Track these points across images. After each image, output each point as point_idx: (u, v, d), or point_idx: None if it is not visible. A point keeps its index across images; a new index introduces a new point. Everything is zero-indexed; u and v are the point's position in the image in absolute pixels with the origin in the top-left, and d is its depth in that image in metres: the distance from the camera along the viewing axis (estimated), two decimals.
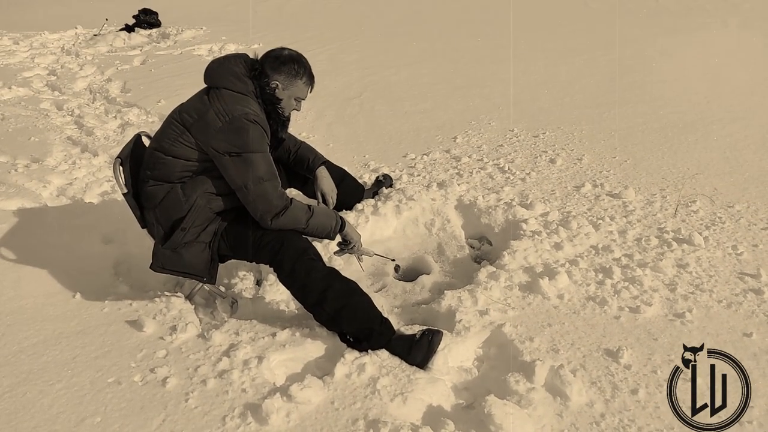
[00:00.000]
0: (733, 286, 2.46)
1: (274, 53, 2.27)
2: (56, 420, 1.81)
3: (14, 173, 3.90)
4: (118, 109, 5.71)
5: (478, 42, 8.27)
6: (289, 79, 2.25)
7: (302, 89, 2.31)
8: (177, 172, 2.22)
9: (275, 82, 2.23)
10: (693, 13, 9.38)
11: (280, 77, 2.24)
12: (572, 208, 3.17)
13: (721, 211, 3.08)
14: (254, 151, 2.14)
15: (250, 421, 1.79)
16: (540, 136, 4.37)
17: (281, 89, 2.25)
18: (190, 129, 2.17)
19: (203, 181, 2.24)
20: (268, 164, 2.19)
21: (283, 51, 2.28)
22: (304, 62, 2.30)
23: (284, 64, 2.24)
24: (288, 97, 2.29)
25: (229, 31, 10.20)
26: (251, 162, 2.14)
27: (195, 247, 2.26)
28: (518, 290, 2.47)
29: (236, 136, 2.11)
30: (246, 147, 2.12)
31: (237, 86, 2.18)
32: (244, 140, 2.12)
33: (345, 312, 2.11)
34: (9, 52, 9.01)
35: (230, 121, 2.10)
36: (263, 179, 2.16)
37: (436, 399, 1.94)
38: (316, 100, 2.78)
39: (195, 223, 2.23)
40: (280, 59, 2.24)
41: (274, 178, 2.20)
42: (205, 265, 2.29)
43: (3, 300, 2.45)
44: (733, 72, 5.89)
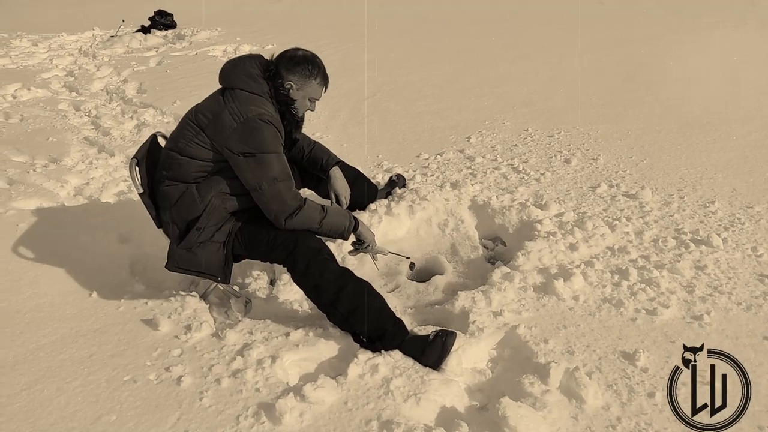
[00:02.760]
0: (753, 288, 2.42)
1: (288, 54, 2.27)
2: (73, 417, 1.83)
3: (33, 173, 3.96)
4: (134, 110, 5.77)
5: (492, 41, 8.23)
6: (303, 80, 2.25)
7: (316, 90, 2.30)
8: (192, 173, 2.24)
9: (289, 83, 2.23)
10: (710, 11, 9.24)
11: (294, 78, 2.23)
12: (588, 208, 3.14)
13: (740, 212, 3.03)
14: (268, 152, 2.15)
15: (263, 421, 1.80)
16: (555, 136, 4.34)
17: (295, 90, 2.25)
18: (205, 129, 2.18)
19: (218, 181, 2.25)
20: (282, 165, 2.19)
21: (298, 51, 2.27)
22: (318, 62, 2.29)
23: (298, 64, 2.23)
24: (302, 98, 2.28)
25: (244, 32, 10.27)
26: (265, 162, 2.14)
27: (210, 247, 2.27)
28: (533, 291, 2.45)
29: (250, 137, 2.12)
30: (260, 147, 2.13)
31: (252, 87, 2.19)
32: (258, 141, 2.13)
33: (358, 312, 2.11)
34: (28, 54, 9.17)
35: (245, 122, 2.11)
36: (277, 180, 2.16)
37: (449, 400, 1.93)
38: (329, 100, 2.79)
39: (210, 222, 2.24)
40: (294, 60, 2.24)
41: (288, 178, 2.21)
42: (220, 265, 2.30)
43: (21, 298, 2.48)
44: (752, 71, 5.79)
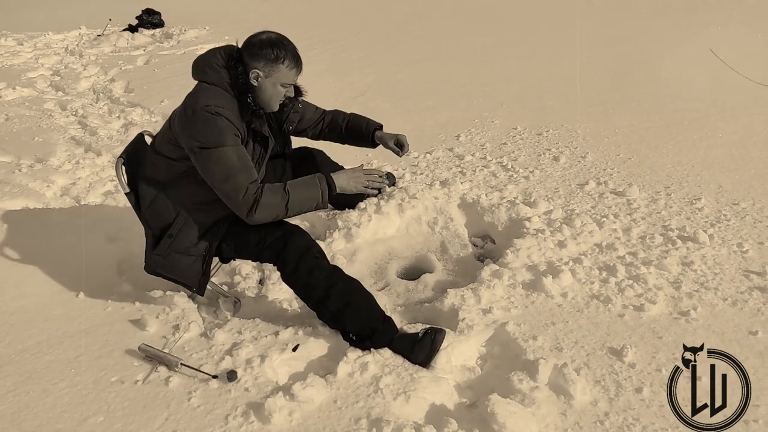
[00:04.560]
0: (739, 283, 2.45)
1: (252, 40, 2.09)
2: (59, 419, 1.81)
3: (18, 173, 3.92)
4: (121, 109, 5.73)
5: (482, 40, 8.25)
6: (270, 65, 2.07)
7: (287, 74, 2.11)
8: (164, 172, 2.18)
9: (255, 71, 2.07)
10: (697, 10, 9.33)
11: (259, 64, 2.06)
12: (576, 206, 3.16)
13: (726, 209, 3.06)
14: (215, 146, 1.99)
15: (252, 420, 1.79)
16: (543, 134, 4.36)
17: (263, 77, 2.08)
18: (170, 125, 2.15)
19: (187, 185, 2.16)
20: (234, 158, 2.03)
21: (262, 35, 2.10)
22: (285, 44, 2.10)
23: (262, 49, 2.06)
24: (272, 85, 2.11)
25: (232, 30, 10.20)
26: (213, 157, 2.00)
27: (185, 260, 2.23)
28: (521, 288, 2.46)
29: (195, 130, 2.01)
30: (208, 141, 1.99)
31: (211, 77, 2.08)
32: (205, 134, 1.99)
33: (348, 310, 2.10)
34: (13, 53, 9.06)
35: (191, 114, 2.02)
36: (230, 175, 2.01)
37: (439, 398, 1.94)
38: (319, 98, 2.77)
39: (184, 234, 2.18)
40: (257, 45, 2.06)
41: (242, 171, 2.03)
42: (196, 277, 2.24)
43: (7, 299, 2.45)
44: (738, 68, 5.85)
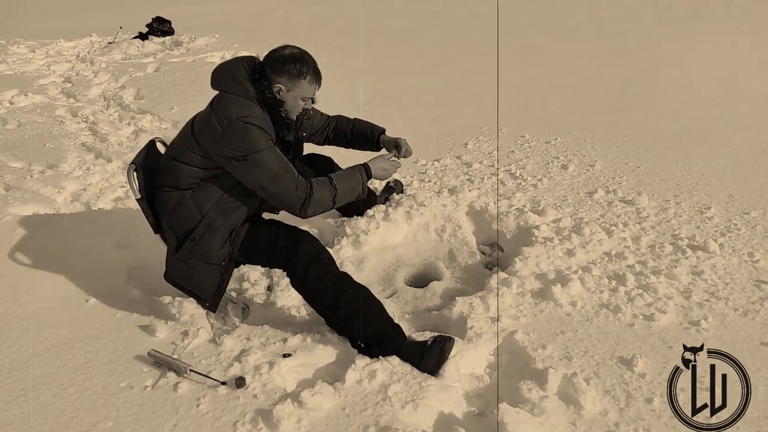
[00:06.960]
0: (750, 293, 2.43)
1: (275, 54, 2.17)
2: (69, 424, 1.82)
3: (30, 179, 3.95)
4: (131, 116, 5.77)
5: (489, 48, 8.27)
6: (293, 81, 2.16)
7: (307, 89, 2.21)
8: (185, 179, 2.21)
9: (278, 86, 2.15)
10: (705, 20, 9.32)
11: (282, 79, 2.14)
12: (585, 214, 3.15)
13: (736, 218, 3.04)
14: (259, 150, 2.08)
15: (261, 427, 1.79)
16: (552, 142, 4.35)
17: (285, 91, 2.17)
18: (196, 136, 2.17)
19: (215, 191, 2.21)
20: (277, 158, 2.12)
21: (285, 50, 2.17)
22: (306, 59, 2.18)
23: (285, 64, 2.13)
24: (293, 99, 2.20)
25: (241, 38, 10.29)
26: (259, 162, 2.08)
27: (206, 267, 2.25)
28: (530, 297, 2.46)
29: (236, 140, 2.07)
30: (249, 148, 2.07)
31: (237, 90, 2.13)
32: (245, 142, 2.07)
33: (356, 317, 2.10)
34: (26, 60, 9.16)
35: (229, 125, 2.07)
36: (277, 176, 2.10)
37: (447, 406, 1.93)
38: (327, 107, 2.79)
39: (205, 238, 2.21)
40: (280, 60, 2.14)
41: (286, 171, 2.13)
42: (211, 290, 2.27)
43: (18, 304, 2.47)
44: (747, 78, 5.83)
